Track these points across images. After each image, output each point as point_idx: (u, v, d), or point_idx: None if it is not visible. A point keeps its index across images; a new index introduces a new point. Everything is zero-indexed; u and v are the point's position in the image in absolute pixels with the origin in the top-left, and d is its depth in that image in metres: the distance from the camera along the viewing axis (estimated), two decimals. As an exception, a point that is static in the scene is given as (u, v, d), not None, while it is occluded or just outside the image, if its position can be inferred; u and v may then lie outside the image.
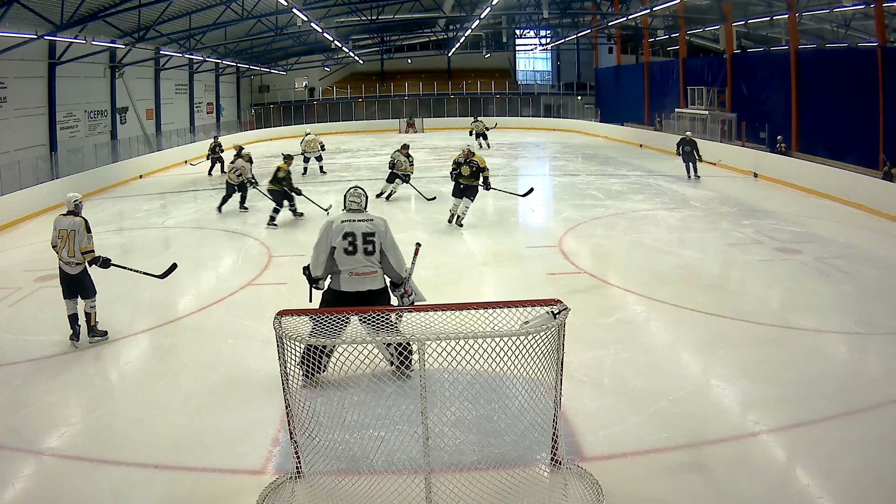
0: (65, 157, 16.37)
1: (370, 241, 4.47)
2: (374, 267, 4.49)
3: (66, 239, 5.77)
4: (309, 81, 36.44)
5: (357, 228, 4.48)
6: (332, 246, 4.46)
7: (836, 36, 21.28)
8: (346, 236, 4.44)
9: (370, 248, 4.45)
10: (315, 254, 4.57)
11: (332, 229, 4.49)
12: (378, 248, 4.49)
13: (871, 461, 3.72)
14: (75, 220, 5.84)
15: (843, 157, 15.05)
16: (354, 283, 4.46)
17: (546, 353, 3.32)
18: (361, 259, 4.44)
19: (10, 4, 12.27)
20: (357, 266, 4.45)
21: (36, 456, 4.03)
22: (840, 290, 6.89)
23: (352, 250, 4.42)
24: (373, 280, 4.49)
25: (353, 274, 4.46)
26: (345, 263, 4.46)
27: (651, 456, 3.85)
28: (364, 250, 4.44)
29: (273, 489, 3.52)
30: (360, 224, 4.50)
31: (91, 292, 5.94)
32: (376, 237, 4.49)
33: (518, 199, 11.54)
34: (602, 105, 31.04)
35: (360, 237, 4.45)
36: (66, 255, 5.79)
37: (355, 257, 4.44)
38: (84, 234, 5.80)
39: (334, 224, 4.52)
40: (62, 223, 5.85)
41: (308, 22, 18.49)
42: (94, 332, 5.92)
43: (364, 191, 4.81)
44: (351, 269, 4.45)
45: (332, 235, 4.48)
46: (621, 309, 6.47)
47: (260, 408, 4.54)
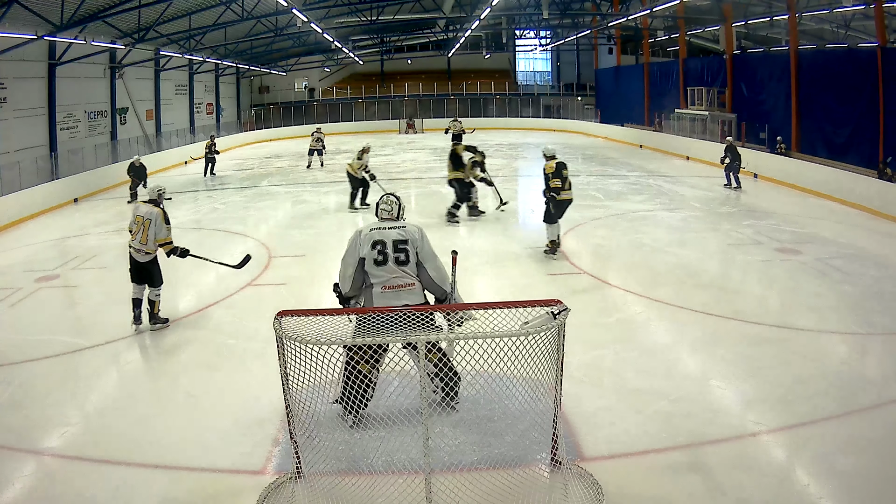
0: (65, 158, 16.37)
1: (402, 248, 3.97)
2: (411, 279, 3.98)
3: (141, 226, 5.96)
4: (309, 82, 36.44)
5: (387, 236, 4.00)
6: (361, 257, 3.98)
7: (836, 36, 21.30)
8: (374, 245, 3.96)
9: (402, 256, 3.96)
10: (342, 267, 4.08)
11: (361, 238, 4.03)
12: (413, 258, 4.00)
13: (871, 461, 3.72)
14: (153, 210, 6.02)
15: (843, 157, 15.05)
16: (388, 297, 3.94)
17: (546, 353, 3.32)
18: (394, 269, 3.95)
19: (10, 4, 12.27)
20: (390, 278, 3.95)
21: (36, 456, 4.03)
22: (840, 290, 6.89)
23: (382, 260, 3.94)
24: (409, 294, 3.97)
25: (386, 287, 3.95)
26: (376, 276, 3.97)
27: (651, 456, 3.85)
28: (396, 259, 3.94)
29: (273, 489, 3.52)
30: (390, 231, 4.03)
31: (158, 281, 6.14)
32: (409, 245, 3.99)
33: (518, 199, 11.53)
34: (602, 106, 31.04)
35: (391, 245, 3.97)
36: (138, 243, 5.98)
37: (386, 267, 3.95)
38: (162, 225, 6.00)
39: (363, 233, 4.05)
40: (140, 210, 6.06)
41: (308, 22, 18.49)
42: (156, 320, 6.14)
43: (398, 198, 4.32)
44: (383, 282, 3.96)
45: (360, 245, 4.01)
46: (621, 309, 6.47)
47: (260, 408, 4.54)
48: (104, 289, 7.71)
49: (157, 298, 6.10)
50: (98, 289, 7.72)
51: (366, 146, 12.52)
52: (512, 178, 16.84)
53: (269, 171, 19.34)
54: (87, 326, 6.39)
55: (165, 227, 5.98)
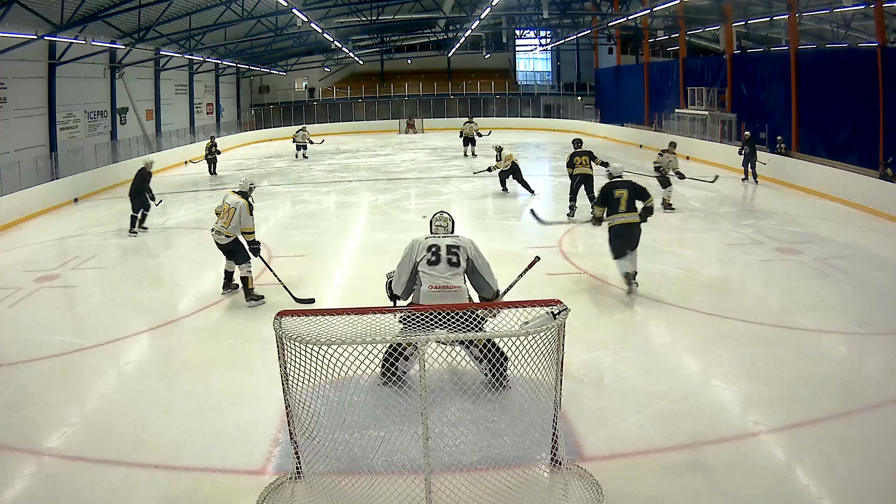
0: (65, 158, 16.37)
1: (454, 251, 4.32)
2: (458, 282, 4.26)
3: (227, 213, 6.60)
4: (309, 82, 36.44)
5: (441, 242, 4.40)
6: (416, 261, 4.31)
7: (836, 36, 21.28)
8: (429, 248, 4.34)
9: (454, 258, 4.29)
10: (397, 273, 4.43)
11: (416, 247, 4.38)
12: (464, 261, 4.32)
13: (871, 461, 3.72)
14: (240, 201, 6.63)
15: (843, 157, 15.05)
16: (434, 297, 4.19)
17: (546, 353, 3.33)
18: (445, 269, 4.25)
19: (10, 4, 12.27)
20: (439, 279, 4.24)
21: (36, 456, 4.03)
22: (840, 290, 6.89)
23: (435, 260, 4.28)
24: (454, 295, 4.21)
25: (434, 287, 4.22)
26: (427, 276, 4.27)
27: (651, 456, 3.85)
28: (448, 260, 4.28)
29: (273, 489, 3.52)
30: (444, 239, 4.43)
31: (243, 258, 6.71)
32: (461, 251, 4.34)
33: (518, 198, 11.52)
34: (602, 105, 31.03)
35: (444, 248, 4.34)
36: (220, 226, 6.64)
37: (438, 267, 4.27)
38: (247, 215, 6.62)
39: (419, 241, 4.42)
40: (230, 199, 6.69)
41: (308, 22, 18.49)
42: (250, 296, 6.66)
43: (450, 215, 4.75)
44: (432, 282, 4.24)
45: (416, 252, 4.36)
46: (621, 309, 6.47)
47: (260, 408, 4.54)
48: (104, 289, 7.71)
49: (249, 275, 6.68)
50: (98, 289, 7.72)
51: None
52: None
53: (269, 171, 19.34)
54: (87, 326, 6.39)
55: (250, 218, 6.63)
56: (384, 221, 11.16)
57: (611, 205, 6.70)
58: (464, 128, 20.99)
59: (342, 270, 8.24)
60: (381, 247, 9.23)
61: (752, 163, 14.34)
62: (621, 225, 6.65)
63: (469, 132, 20.72)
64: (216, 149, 18.48)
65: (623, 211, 6.65)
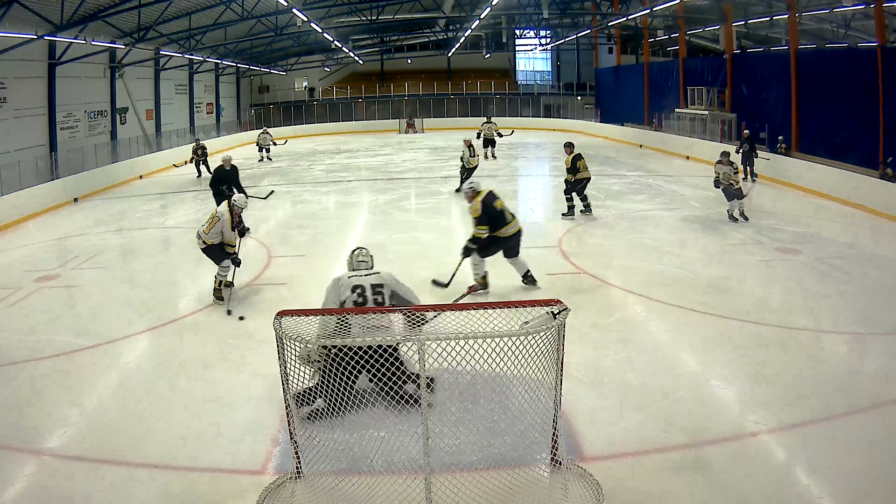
0: (65, 158, 16.36)
1: (379, 291, 4.41)
2: (386, 320, 4.30)
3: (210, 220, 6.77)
4: (309, 82, 36.44)
5: (365, 281, 4.46)
6: (342, 301, 4.38)
7: (836, 36, 21.28)
8: (354, 289, 4.38)
9: (380, 298, 4.38)
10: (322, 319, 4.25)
11: (340, 284, 4.44)
12: (388, 300, 4.43)
13: (871, 461, 3.72)
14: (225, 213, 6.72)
15: (843, 157, 15.04)
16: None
17: (546, 353, 3.33)
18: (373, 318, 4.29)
19: (10, 4, 12.27)
20: (370, 319, 4.27)
21: (36, 456, 4.03)
22: (840, 290, 6.89)
23: (361, 302, 4.35)
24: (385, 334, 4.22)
25: (365, 328, 4.25)
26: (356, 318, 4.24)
27: (651, 455, 3.86)
28: (374, 301, 4.37)
29: (273, 489, 3.52)
30: (367, 277, 4.49)
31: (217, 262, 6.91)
32: (385, 289, 4.44)
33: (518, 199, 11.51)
34: (602, 105, 31.02)
35: (370, 289, 4.41)
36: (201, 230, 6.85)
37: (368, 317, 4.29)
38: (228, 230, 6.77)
39: (342, 280, 4.47)
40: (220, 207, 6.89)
41: (308, 22, 18.49)
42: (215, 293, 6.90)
43: (368, 250, 4.88)
44: (363, 324, 4.25)
45: (341, 292, 4.41)
46: (621, 309, 6.47)
47: (260, 408, 4.54)
48: (104, 289, 7.72)
49: (219, 276, 6.85)
50: (98, 289, 7.72)
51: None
52: (512, 177, 16.83)
53: (268, 171, 19.33)
54: (87, 326, 6.39)
55: (232, 233, 6.77)
56: (384, 221, 11.16)
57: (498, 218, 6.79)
58: (482, 128, 19.73)
59: (342, 270, 8.22)
60: (381, 247, 9.22)
61: (751, 161, 14.33)
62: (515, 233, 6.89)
63: (488, 133, 19.51)
64: (203, 151, 17.58)
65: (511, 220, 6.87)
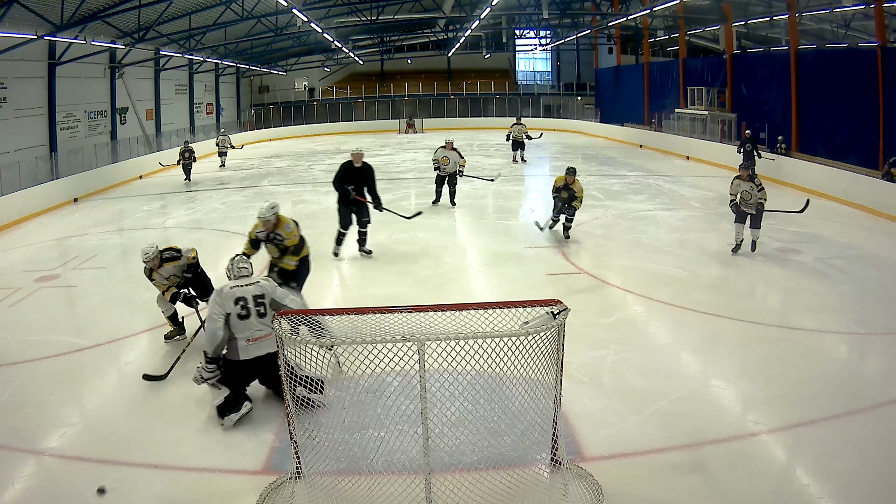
0: (65, 158, 16.35)
1: (261, 302, 4.43)
2: (269, 329, 4.37)
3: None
4: (309, 82, 36.42)
5: (247, 292, 4.44)
6: (227, 313, 4.37)
7: (836, 36, 21.26)
8: (237, 301, 4.38)
9: (262, 309, 4.41)
10: (209, 323, 4.41)
11: (223, 297, 4.41)
12: (269, 309, 4.44)
13: (871, 461, 3.72)
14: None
15: (843, 157, 15.04)
16: (252, 349, 4.38)
17: (546, 353, 3.33)
18: (255, 323, 4.39)
19: (10, 4, 12.26)
20: (252, 331, 4.38)
21: (36, 456, 4.03)
22: (840, 290, 6.89)
23: (245, 314, 4.37)
24: (269, 343, 4.36)
25: (250, 341, 4.38)
26: (240, 330, 4.37)
27: (651, 456, 3.86)
28: (257, 312, 4.40)
29: (273, 489, 3.52)
30: (248, 288, 4.47)
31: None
32: (266, 298, 4.46)
33: (517, 198, 11.53)
34: (602, 105, 31.02)
35: (252, 300, 4.42)
36: None
37: (249, 321, 4.38)
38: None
39: (224, 291, 4.45)
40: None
41: (308, 22, 18.49)
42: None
43: (248, 257, 4.86)
44: (247, 336, 4.38)
45: (224, 304, 4.39)
46: (621, 309, 6.47)
47: (260, 408, 4.54)
48: (104, 289, 7.71)
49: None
50: (98, 289, 7.72)
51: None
52: (511, 178, 16.83)
53: (269, 171, 19.34)
54: (87, 326, 6.39)
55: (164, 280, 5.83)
56: (384, 221, 11.15)
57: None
58: (511, 129, 18.72)
59: (342, 270, 8.23)
60: (381, 247, 9.23)
61: (753, 161, 14.32)
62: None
63: (518, 135, 18.49)
64: (191, 154, 16.96)
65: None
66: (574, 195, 8.95)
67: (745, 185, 8.05)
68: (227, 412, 4.26)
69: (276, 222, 5.78)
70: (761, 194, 7.94)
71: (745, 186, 8.04)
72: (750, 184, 8.03)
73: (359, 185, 8.31)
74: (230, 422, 4.24)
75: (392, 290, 7.18)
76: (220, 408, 4.28)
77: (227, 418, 4.25)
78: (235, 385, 4.39)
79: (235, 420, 4.25)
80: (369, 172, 8.45)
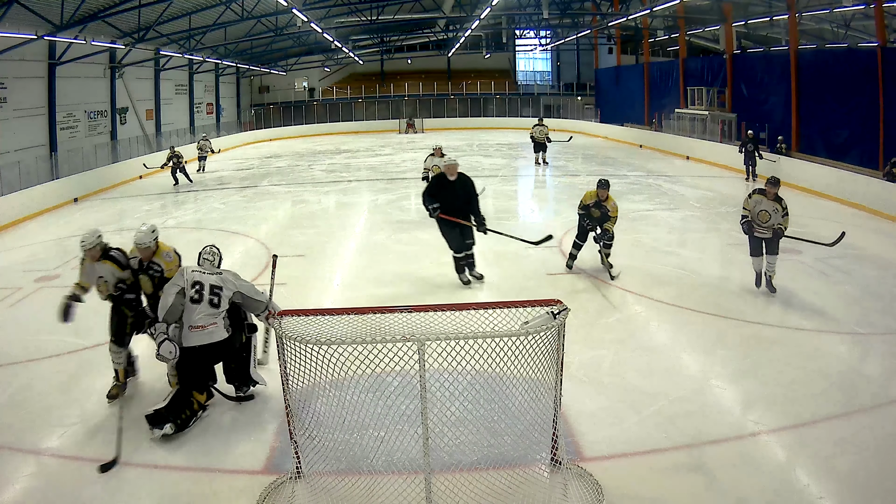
0: (65, 158, 16.37)
1: (216, 293, 4.39)
2: (215, 319, 4.38)
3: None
4: (309, 82, 36.43)
5: (206, 279, 4.42)
6: (182, 287, 4.33)
7: (836, 36, 21.28)
8: (194, 285, 4.37)
9: (216, 300, 4.38)
10: (164, 297, 4.36)
11: (185, 275, 4.40)
12: (225, 303, 4.41)
13: (871, 461, 3.72)
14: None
15: (843, 157, 15.05)
16: (194, 337, 4.33)
17: (546, 353, 3.33)
18: (205, 309, 4.34)
19: (10, 4, 12.27)
20: (198, 318, 4.33)
21: (36, 456, 4.03)
22: (840, 290, 6.89)
23: (198, 299, 4.34)
24: (214, 331, 4.36)
25: (193, 328, 4.33)
26: (188, 314, 4.34)
27: (651, 456, 3.86)
28: (210, 301, 4.37)
29: (273, 489, 3.52)
30: (209, 276, 4.45)
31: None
32: (223, 292, 4.41)
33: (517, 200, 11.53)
34: (602, 105, 31.04)
35: (208, 288, 4.39)
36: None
37: (200, 307, 4.34)
38: None
39: (187, 271, 4.44)
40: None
41: (308, 22, 18.49)
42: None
43: (219, 250, 4.69)
44: (191, 322, 4.32)
45: (183, 279, 4.38)
46: (621, 309, 6.47)
47: (260, 408, 4.54)
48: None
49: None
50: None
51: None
52: (512, 178, 16.84)
53: (269, 171, 19.34)
54: (87, 326, 6.36)
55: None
56: (384, 221, 11.16)
57: None
58: (533, 131, 18.01)
59: (342, 270, 8.23)
60: (381, 247, 9.23)
61: (754, 162, 14.35)
62: None
63: (540, 136, 17.76)
64: (179, 161, 16.47)
65: None
66: (607, 214, 7.36)
67: (768, 204, 6.58)
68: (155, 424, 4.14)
69: (156, 249, 4.84)
70: (784, 221, 6.63)
71: (766, 206, 6.59)
72: (774, 204, 6.59)
73: (456, 203, 6.89)
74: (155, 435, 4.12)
75: (392, 290, 7.17)
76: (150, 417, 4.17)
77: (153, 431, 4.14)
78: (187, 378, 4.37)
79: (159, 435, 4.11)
80: (468, 187, 7.00)
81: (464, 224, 6.98)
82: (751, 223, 6.67)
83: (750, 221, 6.68)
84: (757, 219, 6.66)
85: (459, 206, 6.92)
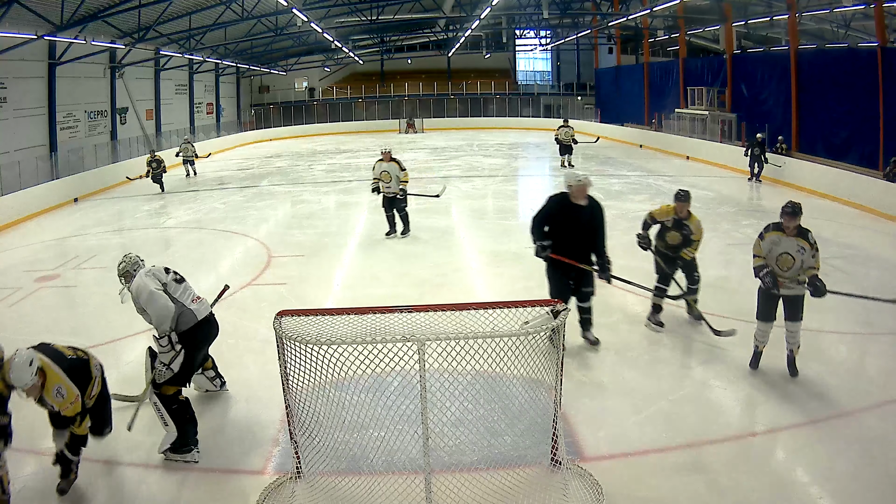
0: (65, 158, 16.37)
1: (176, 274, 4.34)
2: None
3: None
4: (309, 82, 36.44)
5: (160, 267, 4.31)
6: (164, 283, 4.14)
7: (836, 36, 21.27)
8: (166, 270, 4.23)
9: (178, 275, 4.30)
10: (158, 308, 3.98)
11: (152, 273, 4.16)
12: None
13: (871, 461, 3.72)
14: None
15: (843, 157, 15.05)
16: (202, 308, 4.22)
17: (546, 353, 3.33)
18: (186, 285, 4.27)
19: (10, 4, 12.27)
20: (191, 292, 4.25)
21: (36, 456, 4.03)
22: (840, 290, 6.87)
23: (180, 278, 4.26)
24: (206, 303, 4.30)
25: (195, 300, 4.21)
26: (183, 294, 4.16)
27: (651, 456, 3.86)
28: (183, 278, 4.30)
29: (273, 489, 3.52)
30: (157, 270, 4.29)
31: None
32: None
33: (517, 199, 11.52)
34: (602, 105, 31.04)
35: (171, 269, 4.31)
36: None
37: (185, 283, 4.26)
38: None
39: (147, 273, 4.14)
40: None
41: (308, 22, 18.49)
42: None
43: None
44: (192, 296, 4.21)
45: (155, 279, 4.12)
46: (621, 309, 6.47)
47: (260, 408, 4.54)
48: (104, 289, 7.69)
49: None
50: (98, 289, 7.71)
51: None
52: (511, 177, 16.84)
53: (269, 171, 19.34)
54: (87, 326, 6.39)
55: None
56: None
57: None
58: (559, 132, 17.36)
59: (342, 270, 8.23)
60: (381, 247, 9.23)
61: (761, 165, 14.35)
62: None
63: (565, 138, 17.19)
64: (159, 166, 15.64)
65: None
66: (689, 238, 5.86)
67: (789, 243, 4.70)
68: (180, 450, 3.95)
69: (43, 385, 3.53)
70: (815, 260, 4.67)
71: (786, 245, 4.71)
72: (796, 241, 4.69)
73: (579, 238, 5.08)
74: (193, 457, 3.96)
75: (392, 290, 7.17)
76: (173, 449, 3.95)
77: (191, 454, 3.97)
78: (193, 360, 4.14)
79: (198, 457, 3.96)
80: (598, 217, 5.16)
81: (581, 268, 5.13)
82: (774, 275, 4.76)
83: (770, 272, 4.77)
84: (776, 266, 4.77)
85: (582, 242, 5.09)
